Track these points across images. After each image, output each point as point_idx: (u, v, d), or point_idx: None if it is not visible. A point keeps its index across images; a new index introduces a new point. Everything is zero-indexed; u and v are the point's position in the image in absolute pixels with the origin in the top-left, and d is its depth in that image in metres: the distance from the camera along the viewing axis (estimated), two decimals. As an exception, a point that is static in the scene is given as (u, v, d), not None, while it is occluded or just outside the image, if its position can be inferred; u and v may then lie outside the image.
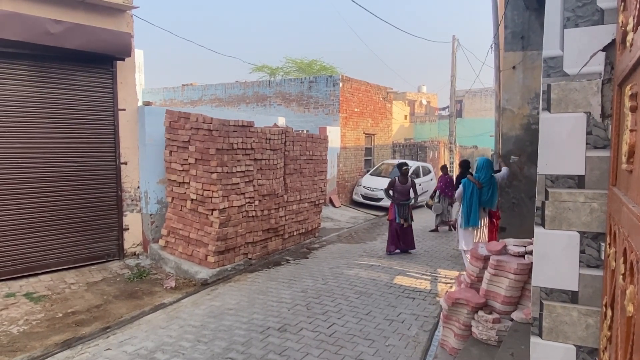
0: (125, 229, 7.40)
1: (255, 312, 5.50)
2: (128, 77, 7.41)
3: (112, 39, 6.83)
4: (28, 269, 6.36)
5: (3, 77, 6.08)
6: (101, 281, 6.42)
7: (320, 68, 28.22)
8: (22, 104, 6.26)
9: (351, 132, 15.29)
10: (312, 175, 9.35)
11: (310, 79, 15.55)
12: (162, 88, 20.03)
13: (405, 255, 8.74)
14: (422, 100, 37.91)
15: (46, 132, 6.50)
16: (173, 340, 4.69)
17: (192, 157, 7.01)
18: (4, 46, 5.89)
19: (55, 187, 6.61)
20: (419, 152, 20.67)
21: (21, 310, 5.31)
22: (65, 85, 6.66)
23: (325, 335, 4.86)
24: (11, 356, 4.23)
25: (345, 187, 15.11)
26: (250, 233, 7.48)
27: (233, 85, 17.36)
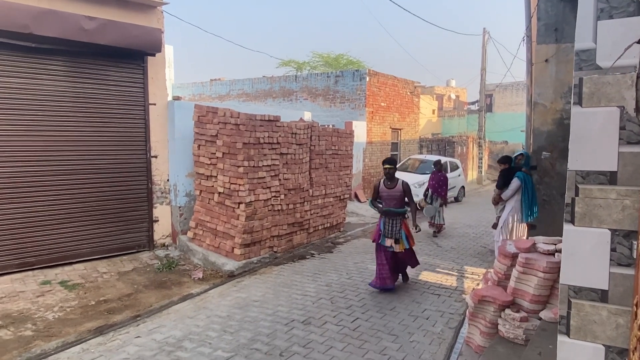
0: (155, 221, 7.60)
1: (280, 304, 5.57)
2: (158, 72, 7.57)
3: (143, 35, 6.99)
4: (63, 258, 6.62)
5: (40, 72, 6.31)
6: (132, 271, 6.62)
7: (347, 62, 28.10)
8: (57, 98, 6.49)
9: (377, 127, 15.20)
10: (337, 170, 9.35)
11: (337, 74, 15.52)
12: (191, 83, 20.38)
13: (431, 251, 8.64)
14: (450, 95, 37.27)
15: (80, 126, 6.72)
16: (200, 330, 4.80)
17: (219, 151, 7.12)
18: (41, 42, 6.11)
19: (89, 179, 6.84)
20: (447, 147, 20.38)
21: (56, 297, 5.54)
22: (99, 81, 6.87)
23: (349, 330, 4.88)
24: (47, 341, 4.42)
25: (370, 182, 15.04)
26: (275, 226, 7.55)
27: (260, 80, 17.50)
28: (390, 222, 6.04)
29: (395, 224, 6.01)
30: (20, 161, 6.20)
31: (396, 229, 6.00)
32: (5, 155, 6.07)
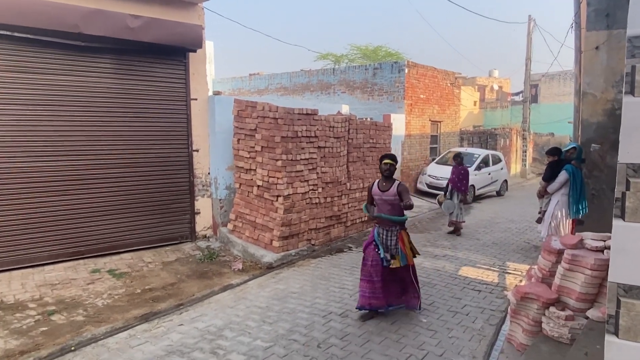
0: (197, 213, 7.82)
1: (317, 296, 5.61)
2: (199, 67, 7.75)
3: (185, 31, 7.17)
4: (111, 248, 6.94)
5: (88, 70, 6.61)
6: (175, 261, 6.85)
7: (386, 54, 27.77)
8: (104, 95, 6.77)
9: (416, 120, 14.95)
10: (375, 163, 9.29)
11: (375, 66, 15.36)
12: (230, 78, 20.73)
13: (471, 246, 8.43)
14: (493, 85, 36.09)
15: (126, 122, 6.99)
16: (240, 320, 4.92)
17: (258, 145, 7.23)
18: (89, 41, 6.39)
19: (135, 173, 7.12)
20: (489, 139, 19.78)
21: (105, 285, 5.82)
22: (143, 77, 7.11)
23: (387, 324, 4.86)
24: (97, 326, 4.66)
25: (409, 175, 14.85)
26: (313, 219, 7.60)
27: (298, 74, 17.57)
28: (384, 233, 4.92)
29: (391, 237, 4.90)
30: (72, 156, 6.52)
31: (392, 242, 4.90)
32: (59, 151, 6.41)
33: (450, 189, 9.30)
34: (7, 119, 6.02)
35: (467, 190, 9.46)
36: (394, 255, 4.91)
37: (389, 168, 4.91)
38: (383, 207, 4.91)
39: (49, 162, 6.36)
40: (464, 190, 9.21)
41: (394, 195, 4.83)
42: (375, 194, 4.98)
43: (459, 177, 9.19)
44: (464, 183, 9.18)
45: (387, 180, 4.95)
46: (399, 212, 4.91)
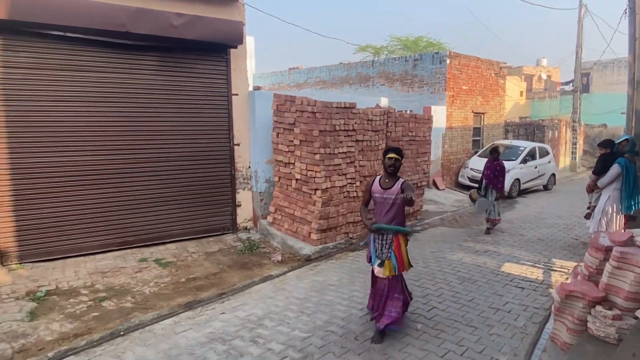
0: (238, 205, 8.02)
1: (355, 289, 5.64)
2: (240, 63, 7.90)
3: (227, 28, 7.32)
4: (157, 238, 7.24)
5: (135, 68, 6.88)
6: (217, 252, 7.06)
7: (427, 45, 27.20)
8: (150, 92, 7.04)
9: (458, 112, 14.60)
10: (414, 157, 9.17)
11: (415, 57, 15.09)
12: (270, 72, 20.97)
13: (515, 242, 8.19)
14: (541, 75, 34.60)
15: (171, 117, 7.25)
16: (279, 310, 5.02)
17: (297, 139, 7.31)
18: (136, 39, 6.65)
19: (179, 166, 7.37)
20: (536, 131, 19.02)
21: (152, 273, 6.08)
22: (186, 74, 7.33)
23: (425, 318, 4.83)
24: (144, 313, 4.89)
25: (450, 169, 14.56)
26: (351, 213, 7.62)
27: (337, 67, 17.54)
28: (380, 237, 4.39)
29: (385, 240, 4.36)
30: (120, 150, 6.84)
31: (385, 247, 4.35)
32: (109, 145, 6.74)
33: (485, 185, 8.74)
34: (62, 115, 6.38)
35: (504, 187, 8.85)
36: (383, 260, 4.32)
37: (394, 163, 4.32)
38: (383, 207, 4.35)
39: (100, 157, 6.69)
40: (500, 187, 8.62)
41: (397, 194, 4.27)
42: (375, 191, 4.40)
43: (494, 173, 8.60)
44: (501, 180, 8.60)
45: (391, 177, 4.38)
46: (401, 214, 4.38)
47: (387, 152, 4.39)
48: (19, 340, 4.23)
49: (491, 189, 8.65)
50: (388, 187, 4.32)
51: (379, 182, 4.42)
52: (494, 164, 8.65)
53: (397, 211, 4.33)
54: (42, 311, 4.85)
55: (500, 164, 8.64)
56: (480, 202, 8.52)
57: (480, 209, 8.61)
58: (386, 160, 4.34)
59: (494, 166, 8.64)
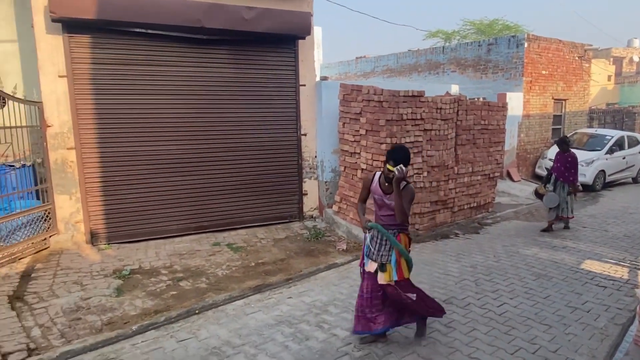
0: (304, 194, 8.18)
1: (420, 281, 5.55)
2: (308, 54, 7.99)
3: (295, 19, 7.43)
4: (229, 224, 7.60)
5: (208, 61, 7.20)
6: (285, 239, 7.27)
7: (503, 28, 25.73)
8: (222, 84, 7.34)
9: (536, 98, 13.72)
10: (486, 146, 8.78)
11: (490, 41, 14.35)
12: (337, 62, 20.96)
13: (597, 238, 7.60)
14: (632, 57, 31.50)
15: (241, 108, 7.52)
16: (344, 297, 5.09)
17: (362, 129, 7.28)
18: (209, 34, 6.94)
19: (249, 156, 7.65)
20: (625, 119, 17.44)
21: (224, 257, 6.40)
22: (255, 66, 7.55)
23: (495, 314, 4.66)
24: (217, 293, 5.17)
25: (526, 159, 13.77)
26: (418, 204, 7.48)
27: (405, 55, 17.15)
28: (378, 238, 3.96)
29: (384, 241, 3.93)
30: (196, 140, 7.22)
31: (384, 247, 3.91)
32: (184, 136, 7.14)
33: (554, 179, 8.01)
34: (145, 107, 6.85)
35: (577, 179, 8.05)
36: (384, 265, 3.88)
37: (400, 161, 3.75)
38: (383, 211, 3.95)
39: (179, 147, 7.12)
40: (572, 180, 7.86)
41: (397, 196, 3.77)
42: (375, 192, 3.97)
43: (565, 165, 7.85)
44: (573, 172, 7.84)
45: (388, 181, 3.88)
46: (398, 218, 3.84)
47: (387, 158, 3.77)
48: (107, 314, 4.66)
49: (562, 183, 7.92)
50: (389, 192, 3.87)
51: (379, 182, 3.96)
52: (565, 155, 7.91)
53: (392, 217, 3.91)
54: (126, 288, 5.29)
55: (571, 155, 7.88)
56: (549, 198, 7.82)
57: (550, 205, 7.88)
58: (385, 170, 3.82)
59: (564, 158, 7.89)
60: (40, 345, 4.03)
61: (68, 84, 6.37)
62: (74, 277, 5.54)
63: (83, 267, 5.87)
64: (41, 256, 6.19)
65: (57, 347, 3.99)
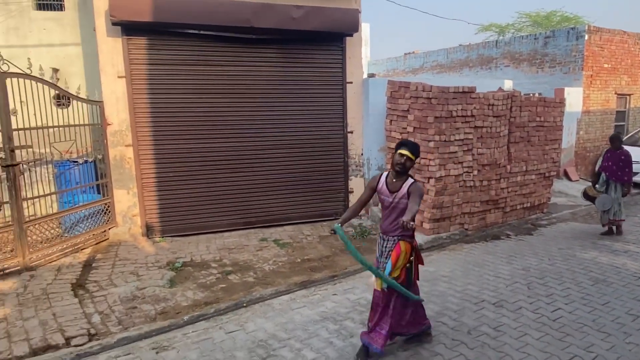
0: (350, 192, 8.18)
1: (469, 283, 5.42)
2: (355, 51, 7.97)
3: (343, 17, 7.43)
4: (276, 220, 7.73)
5: (257, 60, 7.34)
6: (330, 236, 7.30)
7: (562, 19, 24.46)
8: (271, 82, 7.47)
9: (597, 93, 12.94)
10: (542, 144, 8.40)
11: (547, 34, 13.69)
12: (385, 59, 20.74)
13: (664, 242, 7.09)
14: None
15: (289, 106, 7.62)
16: (389, 297, 5.04)
17: (410, 126, 7.17)
18: (258, 34, 7.08)
19: (296, 153, 7.74)
20: (699, 115, 16.06)
21: (271, 252, 6.52)
22: (303, 64, 7.62)
23: (548, 319, 4.46)
24: (264, 288, 5.28)
25: (585, 158, 13.03)
26: (467, 203, 7.28)
27: (455, 50, 16.69)
28: (383, 243, 3.77)
29: (386, 246, 3.72)
30: (244, 137, 7.40)
31: (385, 254, 3.74)
32: (232, 133, 7.33)
33: (605, 179, 7.40)
34: (197, 106, 7.10)
35: (631, 179, 7.36)
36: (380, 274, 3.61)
37: (404, 163, 3.56)
38: (391, 213, 3.67)
39: (229, 144, 7.32)
40: (627, 180, 7.23)
41: (405, 197, 3.57)
42: (382, 192, 3.70)
43: (618, 164, 7.24)
44: (627, 172, 7.21)
45: (399, 176, 3.64)
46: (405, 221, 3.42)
47: (399, 146, 3.62)
48: (160, 304, 4.88)
49: (614, 183, 7.31)
50: (395, 190, 3.62)
51: (386, 181, 3.71)
52: (617, 153, 7.30)
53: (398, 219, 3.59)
54: (179, 280, 5.52)
55: (624, 153, 7.28)
56: (602, 200, 7.26)
57: (602, 208, 7.32)
58: (396, 157, 3.59)
59: (616, 156, 7.29)
60: (99, 331, 4.29)
61: (126, 84, 6.71)
62: (130, 267, 5.85)
63: (139, 259, 6.17)
64: (101, 247, 6.58)
65: (115, 334, 4.22)
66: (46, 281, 5.34)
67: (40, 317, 4.49)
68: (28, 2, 7.71)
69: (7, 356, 3.84)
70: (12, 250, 5.69)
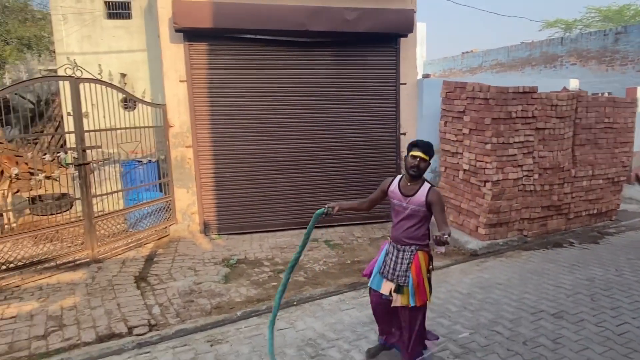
0: (402, 194, 8.07)
1: (527, 291, 5.19)
2: (409, 52, 7.87)
3: (397, 17, 7.36)
4: (327, 221, 7.76)
5: (311, 63, 7.45)
6: (381, 238, 7.26)
7: (635, 14, 22.80)
8: (324, 84, 7.55)
9: (676, 92, 11.94)
10: (611, 147, 7.88)
11: (618, 30, 12.82)
12: (442, 58, 20.29)
13: None
14: None
15: (342, 107, 7.66)
16: (440, 302, 4.94)
17: (466, 128, 6.98)
18: (313, 37, 7.18)
19: (348, 155, 7.77)
20: None
21: (321, 253, 6.59)
22: (356, 65, 7.64)
23: (613, 333, 4.19)
24: (314, 287, 5.35)
25: (661, 162, 12.05)
26: (526, 209, 6.97)
27: (517, 48, 16.03)
28: (396, 253, 3.43)
29: (402, 257, 3.40)
30: (297, 139, 7.53)
31: (400, 267, 3.39)
32: (286, 135, 7.48)
33: None
34: (250, 108, 7.31)
35: None
36: (400, 287, 3.35)
37: (418, 164, 3.27)
38: (405, 221, 3.37)
39: (281, 145, 7.48)
40: None
41: (421, 205, 3.29)
42: (394, 196, 3.41)
43: None
44: None
45: (414, 180, 3.34)
46: (424, 231, 3.39)
47: (411, 147, 3.32)
48: (215, 298, 5.07)
49: None
50: (409, 194, 3.33)
51: (399, 185, 3.41)
52: None
53: (418, 226, 3.35)
54: (233, 276, 5.71)
55: None
56: None
57: None
58: (409, 159, 3.30)
59: None
60: (159, 322, 4.53)
61: (187, 87, 7.04)
62: (188, 263, 6.13)
63: (197, 255, 6.45)
64: (162, 242, 6.94)
65: (173, 325, 4.45)
66: (112, 273, 5.71)
67: (106, 306, 4.82)
68: (100, 12, 8.29)
69: (76, 341, 4.15)
70: (82, 243, 6.14)
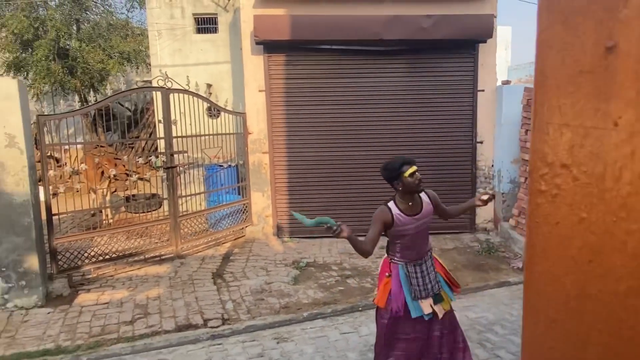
0: (477, 205, 7.80)
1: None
2: (488, 58, 7.61)
3: (475, 23, 7.17)
4: (398, 229, 7.73)
5: (386, 71, 7.48)
6: (453, 249, 7.08)
7: None
8: (398, 92, 7.53)
9: None
10: None
11: None
12: (528, 63, 19.20)
13: None
14: None
15: (416, 115, 7.60)
16: (513, 319, 4.73)
17: (549, 136, 6.59)
18: (388, 45, 7.22)
19: (422, 163, 7.58)
20: None
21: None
22: (432, 72, 7.54)
23: None
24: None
25: None
26: (617, 224, 6.42)
27: (614, 51, 14.73)
28: (419, 269, 3.16)
29: (428, 269, 3.20)
30: (371, 146, 7.57)
31: (430, 275, 3.18)
32: (360, 142, 7.56)
33: None
34: (324, 116, 7.50)
35: None
36: (438, 295, 3.17)
37: (420, 178, 3.11)
38: (420, 237, 3.19)
39: (355, 152, 7.57)
40: None
41: (431, 211, 3.26)
42: (405, 224, 3.10)
43: None
44: None
45: (412, 198, 3.16)
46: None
47: (407, 164, 3.06)
48: (284, 299, 5.28)
49: None
50: (417, 211, 3.15)
51: (400, 211, 3.12)
52: None
53: (428, 232, 3.29)
54: (301, 278, 5.90)
55: None
56: None
57: None
58: (407, 180, 3.03)
59: None
60: (231, 317, 4.82)
61: (265, 97, 7.41)
62: (261, 263, 6.43)
63: (269, 256, 6.75)
64: (238, 242, 7.34)
65: (244, 321, 4.72)
66: (192, 268, 6.17)
67: (186, 299, 5.22)
68: (190, 27, 9.00)
69: (158, 329, 4.55)
70: (167, 240, 6.69)
